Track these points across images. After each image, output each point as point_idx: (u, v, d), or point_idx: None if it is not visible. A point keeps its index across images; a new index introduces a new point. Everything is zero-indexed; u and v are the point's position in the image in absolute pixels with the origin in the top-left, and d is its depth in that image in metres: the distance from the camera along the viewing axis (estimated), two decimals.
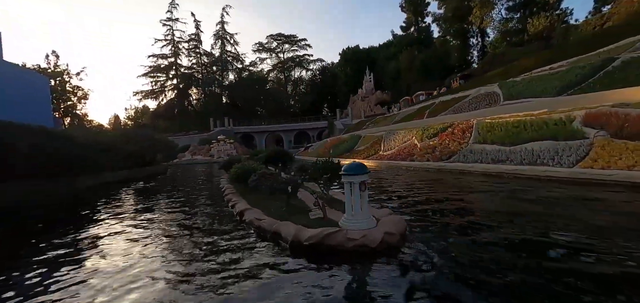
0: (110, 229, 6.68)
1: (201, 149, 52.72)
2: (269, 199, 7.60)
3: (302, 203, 6.52)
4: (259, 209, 6.50)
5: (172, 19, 73.07)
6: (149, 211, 8.57)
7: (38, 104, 20.95)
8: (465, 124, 15.27)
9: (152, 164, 25.33)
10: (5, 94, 18.11)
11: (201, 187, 14.41)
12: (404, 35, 62.84)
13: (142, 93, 73.53)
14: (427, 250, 4.21)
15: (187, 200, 10.48)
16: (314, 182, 6.98)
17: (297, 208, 6.09)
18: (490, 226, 5.22)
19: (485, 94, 24.04)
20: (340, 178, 7.35)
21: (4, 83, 18.37)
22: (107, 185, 17.05)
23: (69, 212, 9.69)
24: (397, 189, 9.93)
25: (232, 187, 10.39)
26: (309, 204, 6.52)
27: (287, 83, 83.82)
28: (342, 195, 7.36)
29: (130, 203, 10.09)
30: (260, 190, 8.49)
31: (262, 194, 8.43)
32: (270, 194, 5.98)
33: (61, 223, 7.91)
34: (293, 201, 6.38)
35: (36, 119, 16.12)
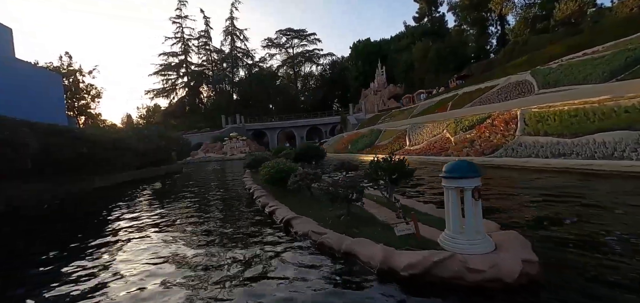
0: (131, 250, 5.63)
1: (214, 146, 52.05)
2: (313, 204, 6.47)
3: (363, 211, 5.34)
4: (309, 217, 5.35)
5: (182, 17, 72.59)
6: (175, 218, 7.52)
7: (51, 102, 20.20)
8: (507, 114, 13.86)
9: (167, 163, 24.50)
10: (18, 93, 17.34)
11: (224, 187, 13.37)
12: (416, 26, 60.92)
13: (154, 92, 73.43)
14: (583, 288, 2.98)
15: (213, 204, 9.42)
16: (372, 184, 5.79)
17: (360, 217, 4.92)
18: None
19: (516, 83, 22.47)
20: (408, 179, 6.21)
21: (16, 81, 17.60)
22: (123, 186, 16.19)
23: (85, 223, 8.72)
24: None
25: (263, 188, 9.28)
26: (372, 211, 5.35)
27: (297, 79, 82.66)
28: (400, 199, 6.17)
29: (151, 210, 9.06)
30: (299, 192, 7.39)
31: (299, 197, 7.33)
32: (332, 201, 4.80)
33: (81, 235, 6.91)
34: (352, 208, 5.21)
35: (50, 118, 15.32)
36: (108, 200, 11.80)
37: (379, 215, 5.01)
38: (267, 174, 7.92)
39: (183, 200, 10.17)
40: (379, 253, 3.39)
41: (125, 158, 18.83)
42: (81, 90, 26.52)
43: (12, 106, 14.34)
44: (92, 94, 28.73)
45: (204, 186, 13.90)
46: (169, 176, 21.65)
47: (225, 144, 51.30)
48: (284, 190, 8.08)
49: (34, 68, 22.31)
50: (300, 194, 7.46)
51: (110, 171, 17.03)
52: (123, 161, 18.55)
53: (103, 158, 15.81)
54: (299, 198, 7.08)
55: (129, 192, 13.34)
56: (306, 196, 7.03)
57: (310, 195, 6.98)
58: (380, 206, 5.77)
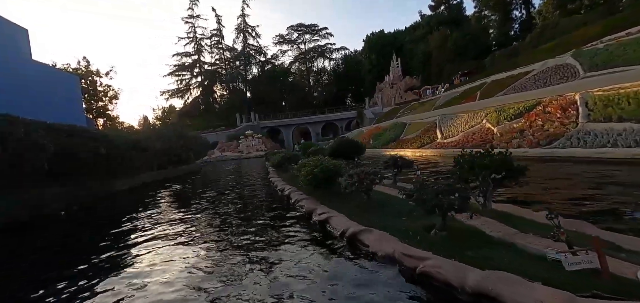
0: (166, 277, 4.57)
1: (229, 145, 51.51)
2: (372, 210, 5.30)
3: (457, 221, 4.10)
4: (381, 230, 4.16)
5: (194, 16, 72.15)
6: (207, 229, 6.47)
7: (70, 104, 19.64)
8: (562, 99, 12.29)
9: (186, 163, 23.78)
10: (36, 95, 16.78)
11: (251, 189, 12.34)
12: (432, 15, 58.56)
13: (169, 92, 73.49)
14: None
15: (246, 210, 8.35)
16: (461, 185, 4.54)
17: (459, 231, 3.69)
18: None
19: (555, 67, 20.63)
20: (518, 179, 4.77)
21: (34, 83, 17.05)
22: (144, 188, 15.42)
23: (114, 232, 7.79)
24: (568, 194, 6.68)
25: (299, 190, 8.16)
26: (468, 222, 4.10)
27: (310, 75, 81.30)
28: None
29: (178, 219, 8.04)
30: (349, 196, 6.22)
31: (353, 201, 6.15)
32: (428, 212, 3.58)
33: None
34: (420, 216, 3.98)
35: (68, 120, 14.62)
36: (131, 204, 10.95)
37: (484, 228, 3.76)
38: (309, 173, 6.75)
39: (209, 205, 9.15)
40: (550, 300, 2.16)
41: (145, 158, 18.11)
42: (98, 92, 26.17)
43: (30, 108, 13.67)
44: (109, 95, 28.59)
45: (229, 187, 12.91)
46: (189, 176, 20.89)
47: (241, 143, 50.67)
48: (327, 192, 6.94)
49: (51, 70, 21.85)
50: (351, 198, 6.30)
51: (131, 172, 16.31)
52: (143, 162, 17.83)
53: (123, 159, 15.07)
54: (353, 203, 5.91)
55: (151, 195, 12.49)
56: (361, 201, 5.84)
57: (367, 199, 5.78)
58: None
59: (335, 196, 6.90)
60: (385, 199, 5.92)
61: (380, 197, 6.04)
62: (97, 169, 12.88)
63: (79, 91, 21.93)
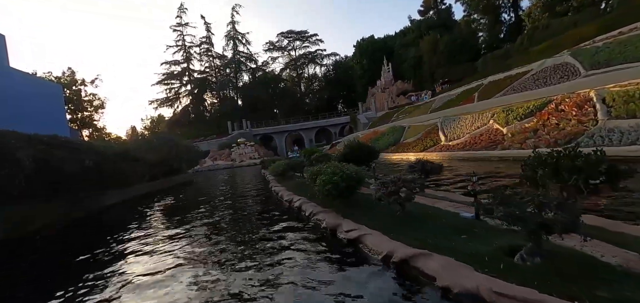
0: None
1: (221, 154, 50.13)
2: (409, 226, 4.43)
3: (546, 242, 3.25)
4: (444, 255, 3.29)
5: (182, 24, 70.84)
6: (212, 253, 5.47)
7: (52, 114, 18.26)
8: (577, 97, 11.78)
9: (178, 173, 22.53)
10: (15, 105, 15.43)
11: (253, 200, 11.33)
12: (422, 20, 58.83)
13: (158, 101, 71.68)
14: None
15: (252, 225, 7.37)
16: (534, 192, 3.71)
17: (558, 256, 2.84)
18: None
19: (554, 67, 20.40)
20: (618, 182, 3.92)
21: (12, 92, 15.70)
22: (136, 201, 14.20)
23: None
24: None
25: (313, 202, 7.25)
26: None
27: (301, 81, 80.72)
28: None
29: (173, 238, 7.00)
30: (374, 208, 5.36)
31: (380, 214, 5.29)
32: (531, 234, 2.71)
33: None
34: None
35: (51, 131, 13.37)
36: (120, 220, 9.79)
37: (589, 250, 2.91)
38: (328, 182, 5.84)
39: (209, 221, 8.12)
40: None
41: (136, 170, 16.87)
42: (83, 101, 24.48)
43: (8, 118, 12.38)
44: (95, 104, 26.80)
45: (227, 199, 11.86)
46: (182, 187, 19.68)
47: (233, 151, 49.40)
48: (346, 203, 6.06)
49: (31, 78, 20.38)
50: (377, 210, 5.43)
51: (122, 185, 15.06)
52: (134, 174, 16.59)
53: (113, 171, 13.85)
54: (381, 216, 5.03)
55: (145, 209, 11.33)
56: (392, 213, 4.96)
57: (401, 212, 4.91)
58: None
59: (355, 207, 6.02)
60: (422, 211, 5.05)
61: (415, 209, 5.18)
62: (85, 182, 11.68)
63: (61, 100, 20.52)
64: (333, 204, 6.42)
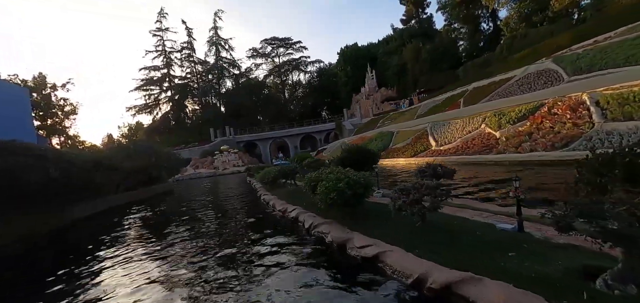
0: None
1: (204, 161, 48.35)
2: (436, 241, 3.81)
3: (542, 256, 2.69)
4: (493, 278, 2.66)
5: (162, 29, 68.55)
6: (201, 279, 4.62)
7: (16, 119, 16.60)
8: (569, 100, 11.71)
9: (158, 182, 21.13)
10: None
11: (240, 210, 10.43)
12: (404, 29, 59.68)
13: (135, 108, 68.62)
14: None
15: (244, 241, 6.55)
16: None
17: None
18: None
19: (538, 72, 20.75)
20: None
21: None
22: (109, 214, 12.90)
23: None
24: None
25: (311, 212, 6.53)
26: None
27: (285, 88, 79.83)
28: None
29: (149, 260, 6.07)
30: (388, 219, 4.70)
31: (387, 224, 4.66)
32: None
33: None
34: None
35: (16, 138, 11.96)
36: (86, 238, 8.63)
37: None
38: (332, 190, 5.13)
39: (193, 235, 7.19)
40: None
41: (112, 180, 15.53)
42: (53, 105, 22.28)
43: None
44: (66, 110, 24.38)
45: (212, 210, 10.89)
46: (162, 197, 18.37)
47: (216, 158, 47.75)
48: (349, 213, 5.39)
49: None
50: (389, 220, 4.78)
51: (94, 196, 13.70)
52: (109, 184, 15.24)
53: (84, 181, 12.53)
54: (396, 227, 4.38)
55: (118, 223, 10.16)
56: (410, 224, 4.32)
57: (421, 223, 4.26)
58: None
59: (362, 218, 5.38)
60: (446, 222, 4.43)
61: (437, 219, 4.56)
62: (49, 194, 10.39)
63: (28, 105, 18.79)
64: (335, 214, 5.72)
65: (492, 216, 4.22)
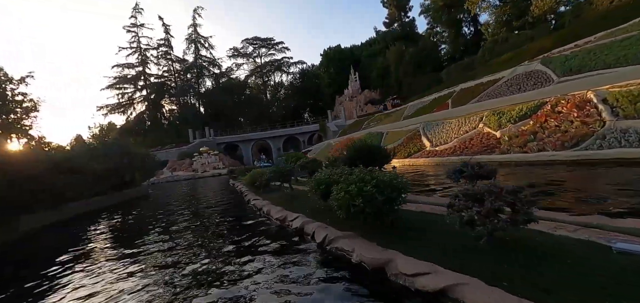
0: None
1: (181, 164, 45.83)
2: (515, 264, 2.81)
3: None
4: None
5: (137, 25, 64.98)
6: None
7: None
8: (574, 98, 11.25)
9: (131, 186, 19.16)
10: None
11: (228, 218, 9.09)
12: (387, 32, 59.79)
13: (107, 107, 64.49)
14: None
15: (245, 261, 5.29)
16: None
17: None
18: None
19: (526, 74, 20.72)
20: None
21: None
22: (73, 222, 11.09)
23: None
24: None
25: (321, 223, 5.39)
26: None
27: (266, 89, 77.97)
28: None
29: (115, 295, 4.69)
30: (423, 231, 3.68)
31: (431, 239, 3.64)
32: None
33: None
34: None
35: None
36: (31, 257, 7.01)
37: None
38: (357, 194, 4.03)
39: (169, 252, 5.84)
40: None
41: (78, 184, 13.62)
42: (8, 101, 19.71)
43: None
44: (25, 106, 21.56)
45: (194, 217, 9.46)
46: (135, 202, 16.53)
47: (195, 161, 45.38)
48: (367, 221, 4.30)
49: None
50: (431, 234, 3.75)
51: (57, 203, 11.81)
52: (75, 189, 13.33)
53: (45, 186, 10.69)
54: (451, 245, 3.34)
55: (81, 234, 8.52)
56: (462, 239, 3.30)
57: (485, 240, 3.23)
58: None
59: (388, 229, 4.29)
60: (516, 236, 3.40)
61: (504, 234, 3.53)
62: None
63: None
64: (353, 225, 4.62)
65: (581, 229, 3.26)
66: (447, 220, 3.34)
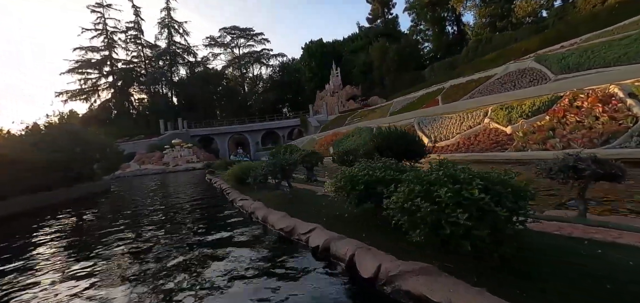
0: None
1: (151, 157, 42.12)
2: None
3: None
4: None
5: (103, 5, 59.36)
6: None
7: None
8: (597, 92, 10.27)
9: (88, 180, 16.34)
10: None
11: (201, 221, 7.09)
12: (370, 28, 58.81)
13: (68, 93, 58.48)
14: None
15: None
16: None
17: None
18: None
19: (520, 71, 20.23)
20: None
21: None
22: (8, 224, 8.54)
23: None
24: None
25: (358, 241, 3.64)
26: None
27: (244, 81, 74.59)
28: None
29: None
30: None
31: None
32: None
33: None
34: None
35: None
36: None
37: None
38: (437, 207, 2.33)
39: (132, 274, 3.86)
40: None
41: (17, 177, 10.90)
42: None
43: None
44: None
45: (165, 221, 7.36)
46: (93, 199, 13.87)
47: (166, 153, 41.87)
48: (451, 245, 2.61)
49: None
50: (550, 266, 2.14)
51: None
52: (11, 183, 10.63)
53: None
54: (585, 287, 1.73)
55: (11, 244, 6.18)
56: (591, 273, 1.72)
57: None
58: None
59: (457, 255, 2.62)
60: None
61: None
62: None
63: None
64: (407, 243, 2.91)
65: None
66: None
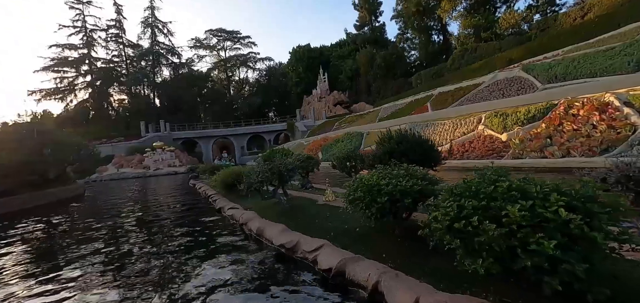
0: None
1: (131, 160, 40.15)
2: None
3: None
4: None
5: (82, 2, 56.84)
6: None
7: None
8: (593, 101, 10.18)
9: (61, 184, 15.00)
10: None
11: (188, 233, 6.31)
12: (357, 35, 59.01)
13: (42, 92, 55.32)
14: None
15: None
16: None
17: None
18: None
19: (507, 80, 20.40)
20: None
21: None
22: None
23: None
24: None
25: (396, 271, 3.04)
26: None
27: (230, 84, 73.09)
28: None
29: None
30: None
31: None
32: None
33: None
34: None
35: None
36: None
37: None
38: (529, 230, 1.77)
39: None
40: None
41: None
42: None
43: None
44: None
45: (144, 239, 6.52)
46: (63, 205, 12.63)
47: (147, 156, 40.04)
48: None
49: None
50: None
51: None
52: None
53: None
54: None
55: None
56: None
57: None
58: None
59: (523, 290, 2.09)
60: None
61: None
62: None
63: None
64: (441, 268, 2.36)
65: None
66: None
